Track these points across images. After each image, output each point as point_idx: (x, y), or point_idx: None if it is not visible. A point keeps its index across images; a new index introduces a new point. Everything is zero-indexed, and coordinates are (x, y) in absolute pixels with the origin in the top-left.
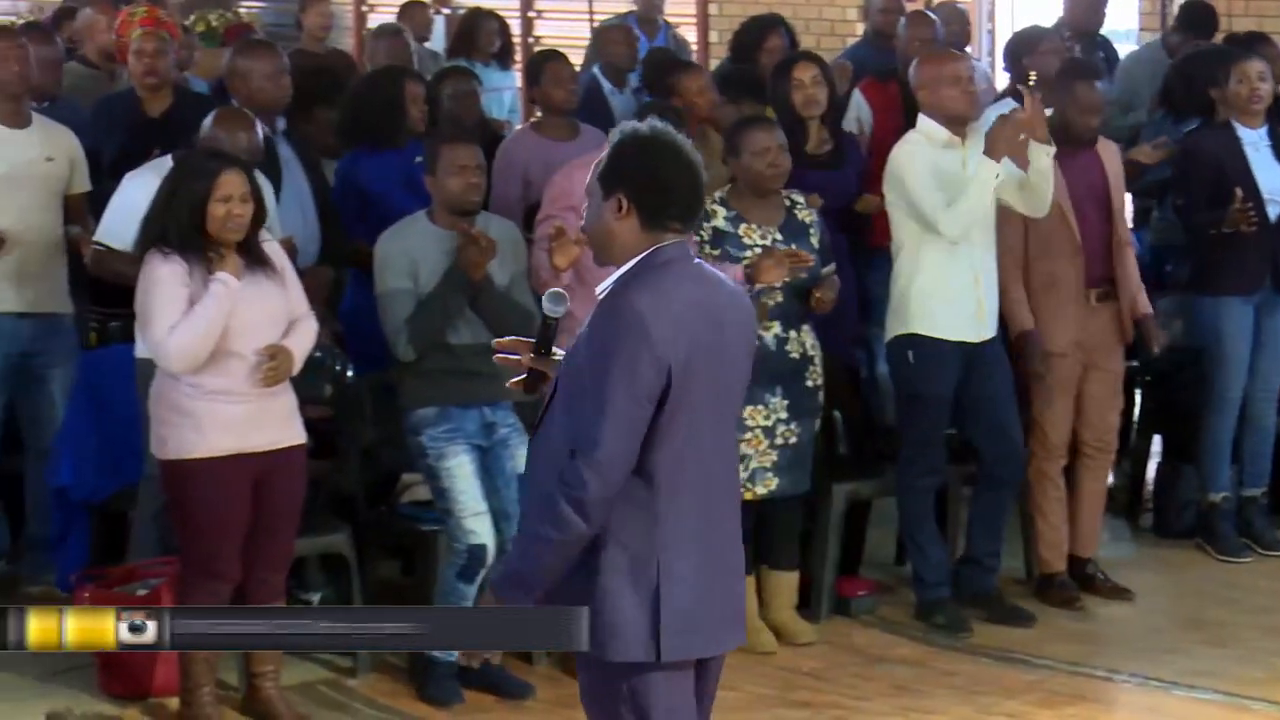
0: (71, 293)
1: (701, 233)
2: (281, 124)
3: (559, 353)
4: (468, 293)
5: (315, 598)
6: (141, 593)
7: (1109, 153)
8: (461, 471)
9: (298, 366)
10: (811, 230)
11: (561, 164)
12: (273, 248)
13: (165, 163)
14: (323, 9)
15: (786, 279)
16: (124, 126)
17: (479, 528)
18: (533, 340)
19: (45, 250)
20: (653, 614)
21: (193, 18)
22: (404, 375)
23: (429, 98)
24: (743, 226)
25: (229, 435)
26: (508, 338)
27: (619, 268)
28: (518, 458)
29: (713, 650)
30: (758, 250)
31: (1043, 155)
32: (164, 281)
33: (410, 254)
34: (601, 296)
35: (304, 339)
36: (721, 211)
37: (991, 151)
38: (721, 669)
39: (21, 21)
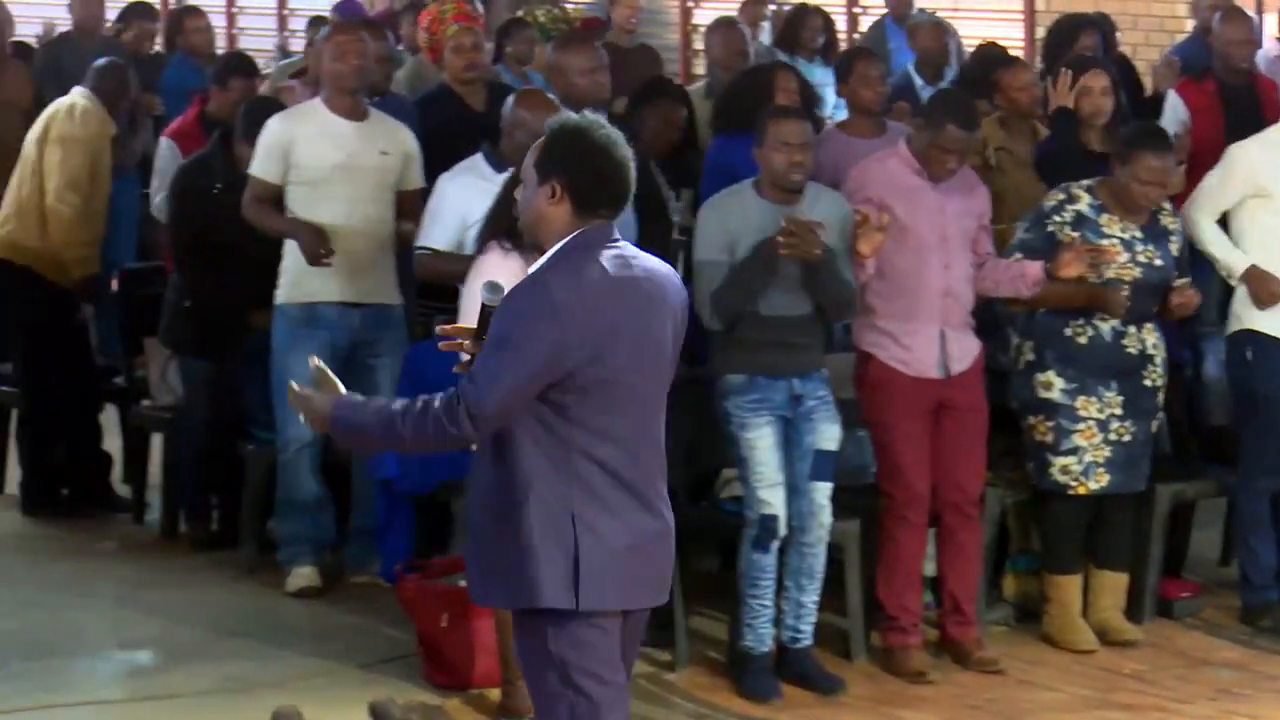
0: (400, 285)
1: (1063, 214)
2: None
3: None
4: (775, 270)
5: None
6: (463, 584)
7: None
8: (762, 443)
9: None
10: (1172, 237)
11: None
12: None
13: (478, 161)
14: (631, 2)
15: (1089, 275)
16: (446, 122)
17: (772, 499)
18: (474, 327)
19: (375, 242)
20: (572, 566)
21: (521, 12)
22: (716, 341)
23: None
24: (1105, 216)
25: None
26: (451, 325)
27: (540, 249)
28: (819, 433)
29: (628, 604)
30: (1115, 241)
31: None
32: (502, 280)
33: (727, 225)
34: (529, 273)
35: None
36: (1086, 198)
37: None
38: (642, 628)
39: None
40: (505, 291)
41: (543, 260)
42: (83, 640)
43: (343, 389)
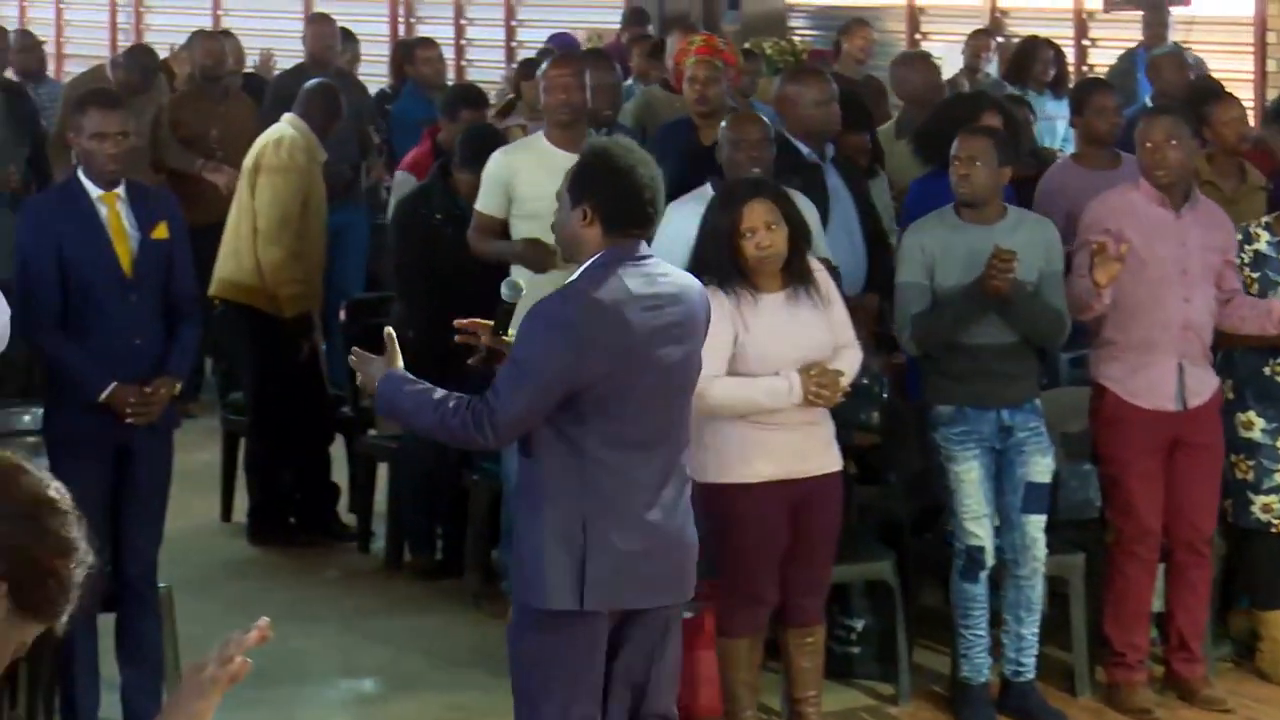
0: None
1: (1243, 255)
2: (831, 150)
3: (514, 334)
4: (984, 306)
5: (858, 624)
6: (687, 615)
7: None
8: (969, 476)
9: (844, 393)
10: None
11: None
12: (819, 273)
13: (706, 192)
14: (866, 34)
15: None
16: (679, 153)
17: (979, 530)
18: (491, 323)
19: None
20: (579, 568)
21: (748, 44)
22: (926, 369)
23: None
24: None
25: (772, 462)
26: (468, 320)
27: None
28: (1030, 465)
29: (635, 604)
30: None
31: None
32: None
33: (926, 247)
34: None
35: (849, 367)
36: (1265, 236)
37: None
38: (669, 626)
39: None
40: (523, 290)
41: (573, 277)
42: (309, 668)
43: (400, 363)
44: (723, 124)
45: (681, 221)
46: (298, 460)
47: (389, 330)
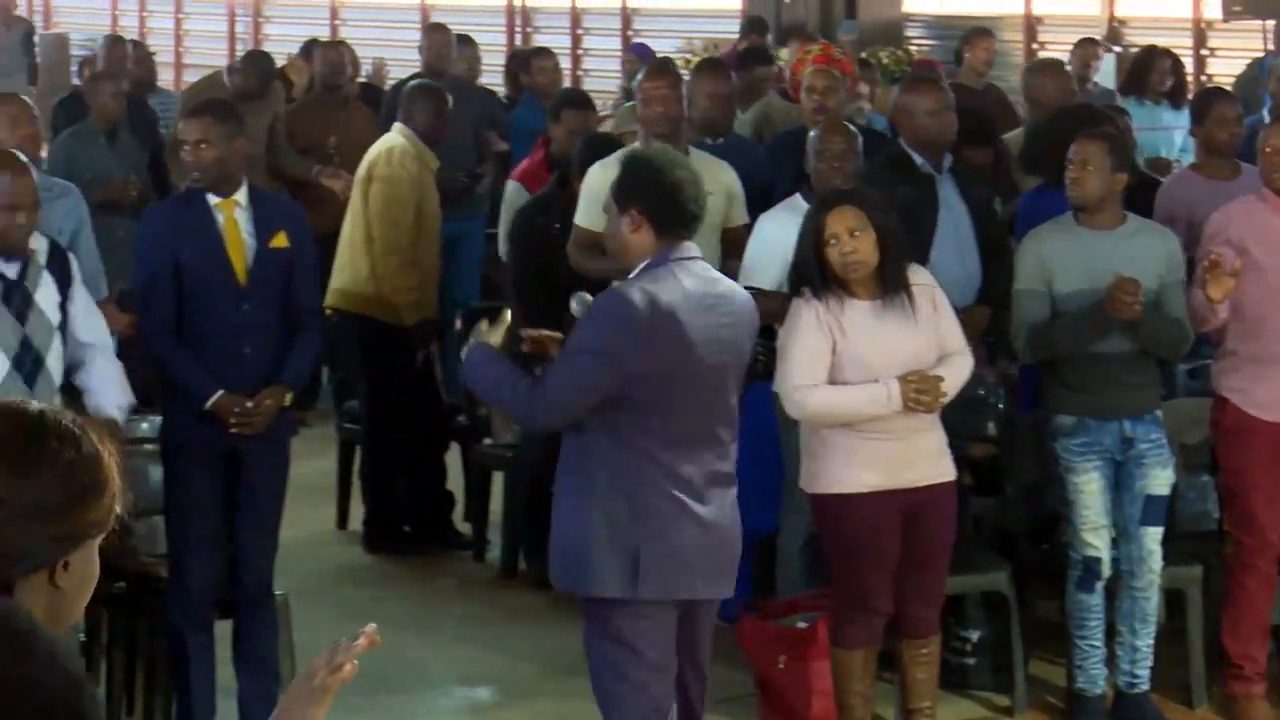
0: None
1: None
2: (948, 160)
3: None
4: (1104, 327)
5: (974, 635)
6: (801, 625)
7: None
8: (1088, 488)
9: (949, 398)
10: None
11: (1224, 204)
12: (924, 277)
13: (796, 201)
14: (988, 45)
15: None
16: (796, 163)
17: (1097, 541)
18: (561, 336)
19: None
20: (633, 559)
21: (864, 54)
22: (1048, 380)
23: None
24: None
25: (878, 472)
26: (538, 331)
27: (624, 271)
28: (1150, 477)
29: (687, 594)
30: None
31: None
32: (802, 329)
33: (1042, 255)
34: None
35: (955, 374)
36: None
37: None
38: (711, 619)
39: (698, 59)
40: (591, 301)
41: (629, 277)
42: (424, 676)
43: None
44: (810, 134)
45: (772, 230)
46: (413, 469)
47: (483, 322)
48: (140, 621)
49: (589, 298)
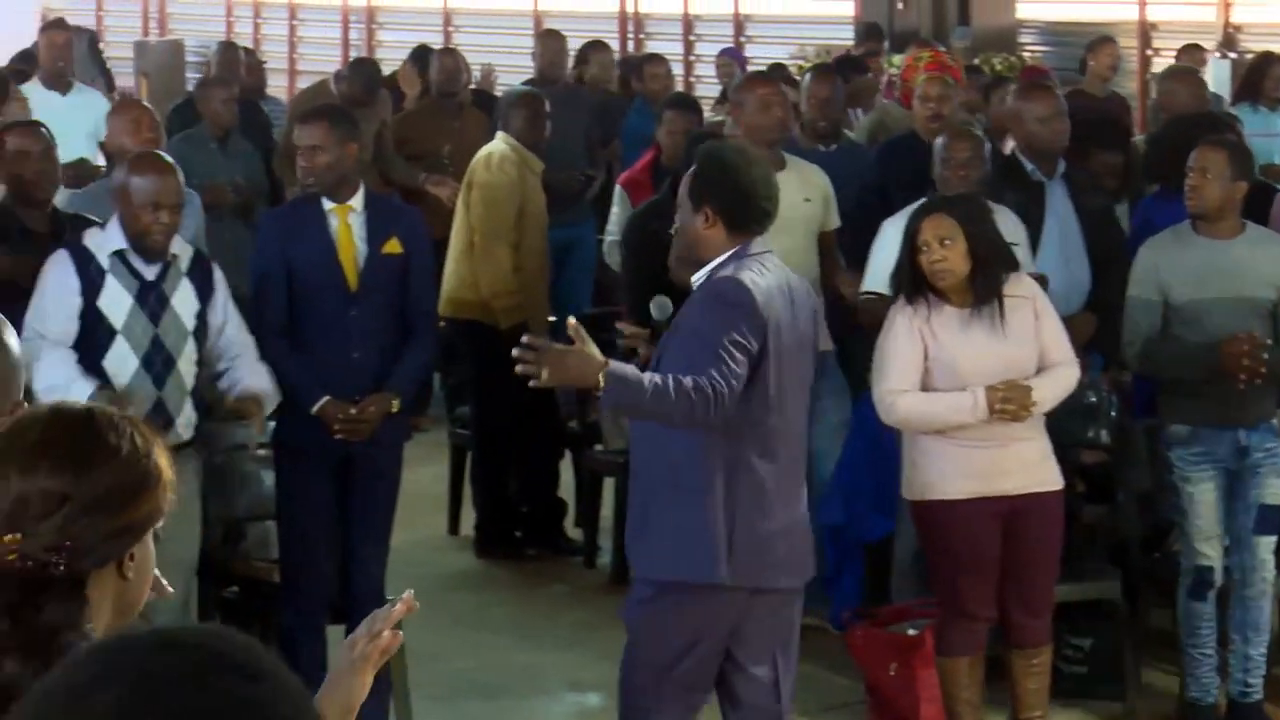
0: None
1: None
2: (1061, 166)
3: None
4: (1214, 369)
5: (1086, 644)
6: (911, 633)
7: None
8: (1203, 498)
9: (1042, 407)
10: None
11: None
12: (1026, 288)
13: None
14: (1113, 51)
15: None
16: (906, 168)
17: (1209, 550)
18: (646, 333)
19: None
20: (726, 545)
21: (977, 60)
22: (1164, 389)
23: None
24: None
25: (974, 479)
26: (632, 329)
27: (698, 265)
28: (1265, 487)
29: (768, 583)
30: None
31: None
32: (897, 335)
33: (1158, 264)
34: (700, 282)
35: (1052, 384)
36: None
37: None
38: (788, 614)
39: (810, 65)
40: (671, 310)
41: (707, 269)
42: (535, 681)
43: (597, 351)
44: (937, 141)
45: (894, 237)
46: (526, 475)
47: (574, 321)
48: (252, 626)
49: (668, 302)
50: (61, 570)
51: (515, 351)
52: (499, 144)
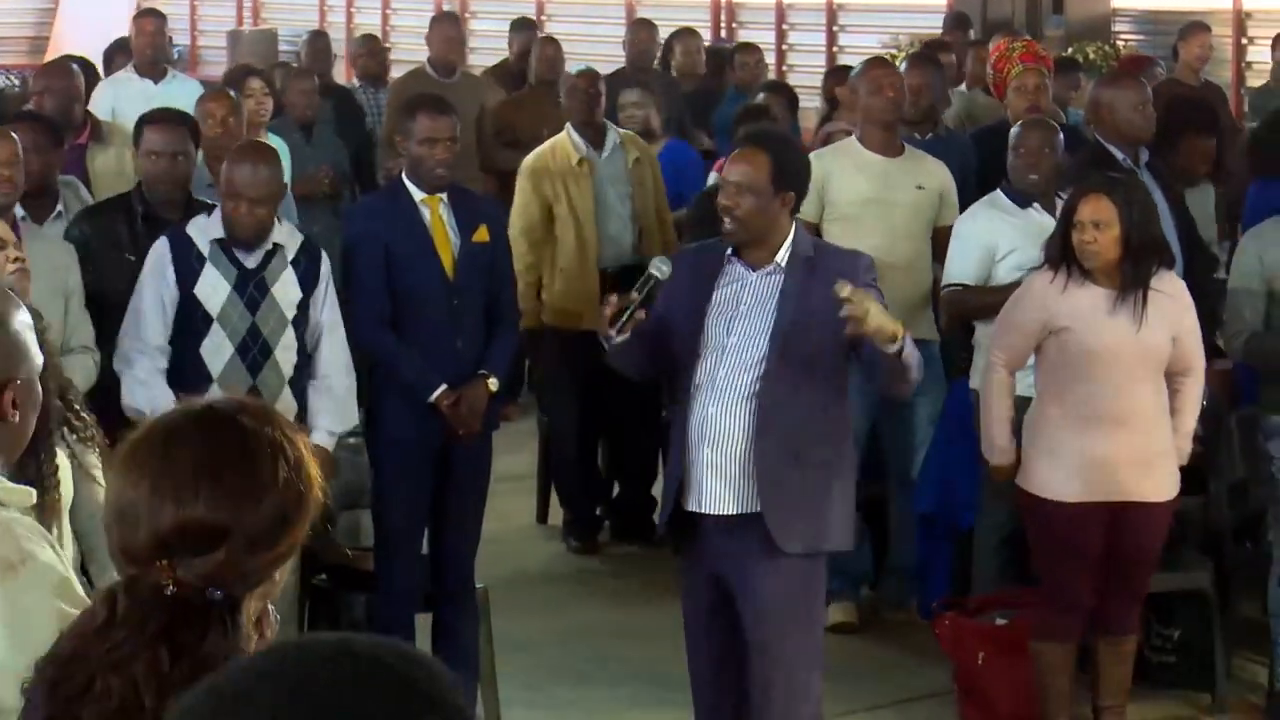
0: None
1: None
2: (1145, 155)
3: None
4: None
5: (1175, 634)
6: (1001, 622)
7: None
8: None
9: (1189, 435)
10: None
11: None
12: (1176, 289)
13: (997, 197)
14: (1204, 40)
15: None
16: (988, 158)
17: None
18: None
19: (913, 277)
20: (851, 516)
21: (1070, 49)
22: (1265, 379)
23: None
24: None
25: (1080, 482)
26: (617, 296)
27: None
28: None
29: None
30: None
31: None
32: (1023, 302)
33: (1262, 254)
34: (810, 256)
35: (1193, 408)
36: None
37: None
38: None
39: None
40: (673, 265)
41: (789, 249)
42: (621, 673)
43: None
44: (1013, 130)
45: (979, 227)
46: (622, 466)
47: (845, 284)
48: (342, 614)
49: (670, 259)
50: (219, 596)
51: (839, 291)
52: (563, 134)
